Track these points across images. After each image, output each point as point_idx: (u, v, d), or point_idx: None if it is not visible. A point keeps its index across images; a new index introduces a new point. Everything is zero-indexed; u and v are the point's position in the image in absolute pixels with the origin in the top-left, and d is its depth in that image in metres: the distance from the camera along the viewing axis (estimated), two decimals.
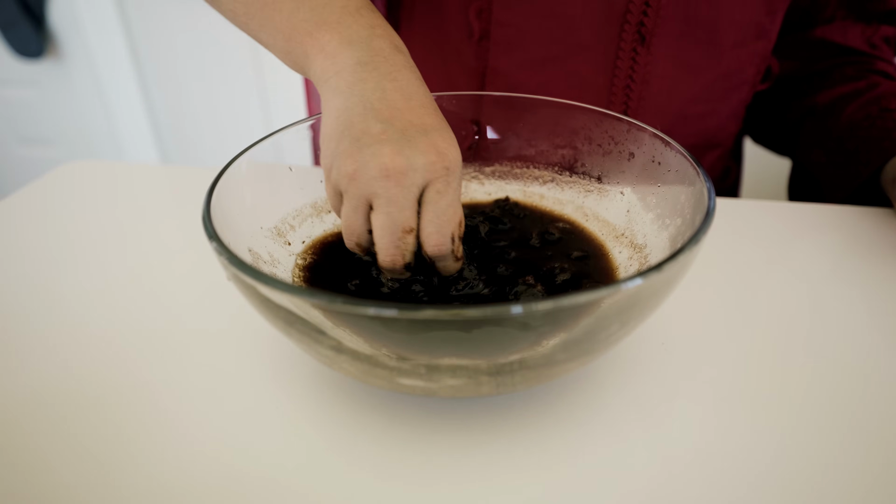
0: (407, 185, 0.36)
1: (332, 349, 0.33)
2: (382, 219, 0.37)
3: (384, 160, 0.36)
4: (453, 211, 0.37)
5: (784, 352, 0.43)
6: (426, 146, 0.36)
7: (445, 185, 0.37)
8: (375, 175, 0.36)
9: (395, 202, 0.36)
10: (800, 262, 0.52)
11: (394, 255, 0.38)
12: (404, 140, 0.36)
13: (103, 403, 0.39)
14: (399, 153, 0.36)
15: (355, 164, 0.36)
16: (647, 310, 0.34)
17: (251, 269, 0.31)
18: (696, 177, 0.40)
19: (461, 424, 0.38)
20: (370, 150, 0.36)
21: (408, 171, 0.36)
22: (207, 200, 0.37)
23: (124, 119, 1.92)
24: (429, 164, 0.36)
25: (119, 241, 0.57)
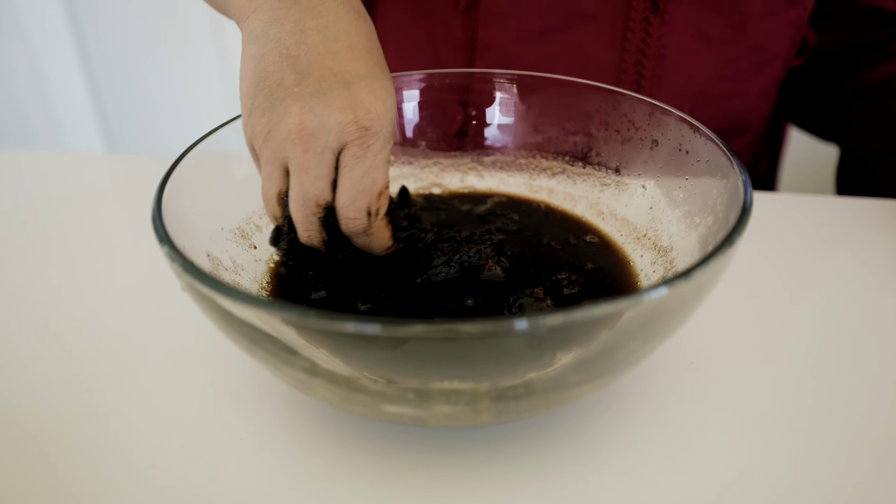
0: (318, 150, 0.36)
1: (305, 372, 0.33)
2: (295, 188, 0.37)
3: (293, 119, 0.36)
4: (371, 180, 0.37)
5: (834, 372, 0.43)
6: (344, 101, 0.36)
7: (362, 147, 0.36)
8: (285, 136, 0.36)
9: (305, 169, 0.36)
10: (850, 266, 0.52)
11: (309, 229, 0.38)
12: (319, 94, 0.36)
13: (36, 434, 0.39)
14: (310, 111, 0.36)
15: (268, 122, 0.37)
16: (673, 324, 0.34)
17: (209, 278, 0.31)
18: (730, 168, 0.39)
19: (456, 459, 0.38)
20: (282, 106, 0.36)
21: (319, 133, 0.36)
22: (158, 197, 0.37)
23: (62, 101, 1.91)
24: (343, 122, 0.36)
25: (56, 245, 0.57)
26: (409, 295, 0.42)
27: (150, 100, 1.91)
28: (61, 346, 0.46)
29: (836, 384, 0.42)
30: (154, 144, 1.97)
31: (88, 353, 0.45)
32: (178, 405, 0.41)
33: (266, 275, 0.45)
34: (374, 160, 0.37)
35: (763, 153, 0.77)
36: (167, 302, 0.49)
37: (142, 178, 0.65)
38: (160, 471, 0.37)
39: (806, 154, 1.13)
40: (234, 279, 0.42)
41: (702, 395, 0.41)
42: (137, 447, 0.38)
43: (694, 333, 0.45)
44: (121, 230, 0.59)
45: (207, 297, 0.31)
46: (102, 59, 1.89)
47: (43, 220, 0.60)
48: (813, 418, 0.40)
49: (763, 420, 0.40)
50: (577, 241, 0.48)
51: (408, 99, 0.54)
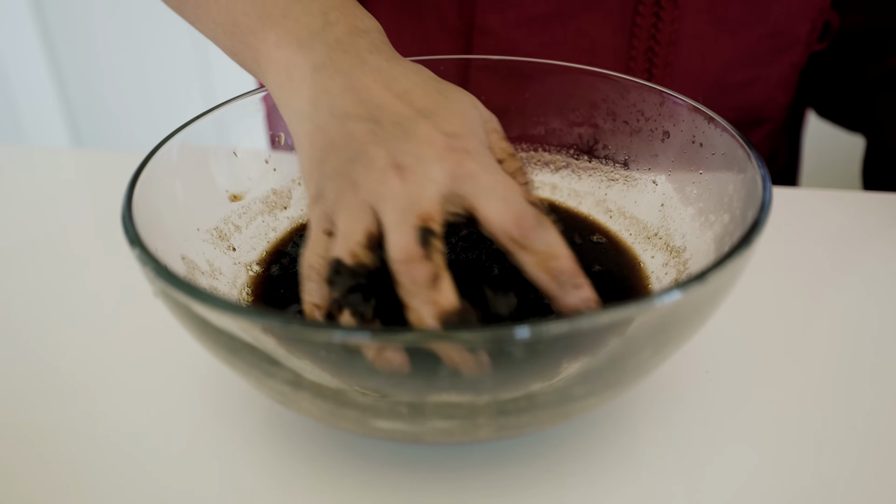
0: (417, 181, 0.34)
1: (289, 384, 0.33)
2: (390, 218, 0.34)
3: (381, 163, 0.35)
4: (506, 179, 0.35)
5: (862, 381, 0.43)
6: (430, 132, 0.35)
7: (474, 164, 0.35)
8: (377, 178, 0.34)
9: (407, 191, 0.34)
10: (879, 267, 0.53)
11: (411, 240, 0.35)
12: (401, 134, 0.36)
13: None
14: (400, 151, 0.35)
15: (350, 176, 0.35)
16: (686, 330, 0.34)
17: (184, 283, 0.31)
18: (748, 161, 0.40)
19: (452, 478, 0.38)
20: (366, 156, 0.35)
21: (415, 167, 0.34)
22: (128, 194, 0.37)
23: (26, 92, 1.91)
24: (440, 151, 0.35)
25: (18, 247, 0.56)
26: None
27: (120, 90, 1.91)
28: (22, 357, 0.45)
29: (865, 394, 0.42)
30: (124, 138, 1.96)
31: (53, 364, 0.45)
32: (150, 420, 0.41)
33: (246, 280, 0.45)
34: (489, 163, 0.35)
35: (782, 145, 0.78)
36: (139, 309, 0.49)
37: (111, 175, 0.65)
38: (131, 491, 0.37)
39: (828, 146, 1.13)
40: (212, 284, 0.42)
41: (718, 406, 0.41)
42: (107, 465, 0.38)
43: (709, 340, 0.45)
44: (89, 231, 0.59)
45: (182, 304, 0.31)
46: (68, 45, 1.89)
47: (3, 219, 0.60)
48: (839, 432, 0.40)
49: (785, 434, 0.40)
50: (583, 240, 0.48)
51: None
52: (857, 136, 0.77)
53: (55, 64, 1.91)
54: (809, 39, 0.68)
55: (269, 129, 0.52)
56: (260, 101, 0.48)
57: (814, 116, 0.82)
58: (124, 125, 1.96)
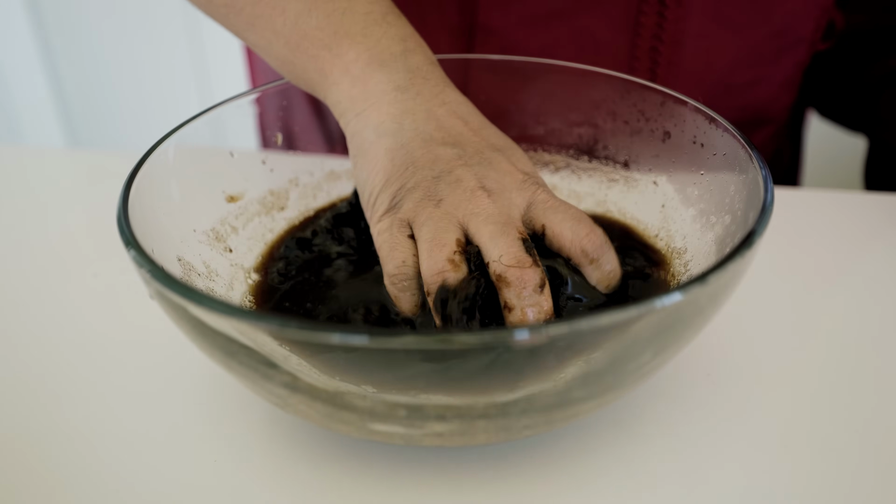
0: (506, 204, 0.39)
1: (286, 387, 0.33)
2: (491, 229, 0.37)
3: (469, 183, 0.38)
4: (576, 210, 0.39)
5: (865, 384, 0.43)
6: (508, 165, 0.40)
7: (546, 194, 0.40)
8: (464, 196, 0.38)
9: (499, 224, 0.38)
10: (881, 268, 0.53)
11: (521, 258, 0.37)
12: (485, 163, 0.40)
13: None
14: (484, 176, 0.39)
15: (436, 193, 0.38)
16: (688, 332, 0.34)
17: (180, 285, 0.31)
18: (749, 162, 0.40)
19: (451, 482, 0.38)
20: (452, 175, 0.39)
21: (501, 191, 0.39)
22: (124, 195, 0.37)
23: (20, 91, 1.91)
24: (518, 181, 0.39)
25: (12, 249, 0.56)
26: None
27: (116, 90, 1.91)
28: (16, 360, 0.45)
29: (867, 396, 0.42)
30: (120, 139, 1.96)
31: (46, 367, 0.45)
32: (146, 424, 0.41)
33: (245, 288, 0.45)
34: (556, 196, 0.40)
35: (785, 146, 0.78)
36: (134, 311, 0.49)
37: (106, 176, 0.65)
38: (127, 495, 0.37)
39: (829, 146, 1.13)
40: (208, 286, 0.42)
41: (719, 409, 0.41)
42: (101, 470, 0.38)
43: (710, 342, 0.45)
44: (84, 232, 0.58)
45: (178, 306, 0.31)
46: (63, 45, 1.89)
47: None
48: (841, 434, 0.40)
49: (786, 437, 0.40)
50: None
51: None
52: (859, 137, 0.77)
53: (51, 64, 1.91)
54: (814, 39, 0.68)
55: (262, 131, 0.52)
56: (253, 104, 0.48)
57: (815, 117, 0.82)
58: (120, 125, 1.96)
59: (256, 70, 0.83)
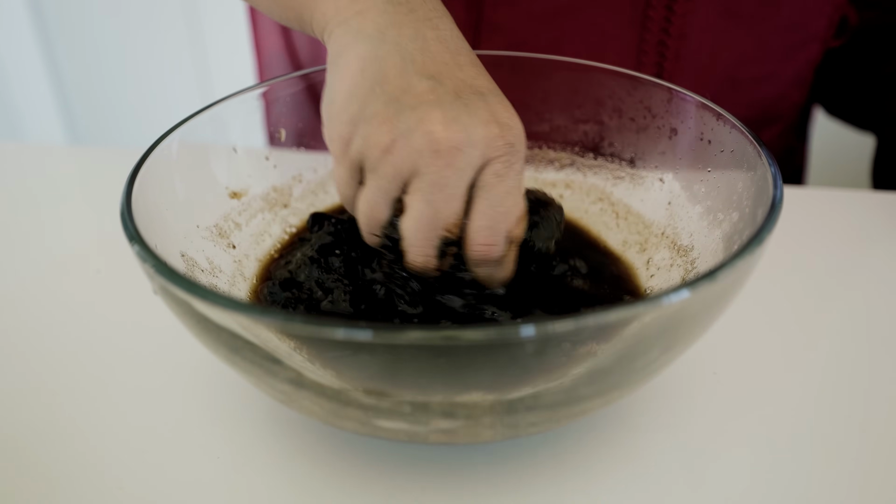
0: (461, 166, 0.35)
1: (291, 383, 0.33)
2: (421, 207, 0.36)
3: (434, 128, 0.34)
4: (514, 201, 0.37)
5: (870, 383, 0.43)
6: (486, 114, 0.36)
7: (506, 165, 0.36)
8: (421, 148, 0.35)
9: (441, 186, 0.35)
10: (888, 267, 0.52)
11: (428, 253, 0.37)
12: (459, 104, 0.35)
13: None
14: (454, 120, 0.35)
15: (392, 131, 0.35)
16: (695, 330, 0.34)
17: (185, 280, 0.31)
18: (758, 159, 0.39)
19: (456, 479, 0.38)
20: (415, 113, 0.35)
21: (464, 146, 0.35)
22: (127, 191, 0.37)
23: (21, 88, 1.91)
24: (490, 137, 0.35)
25: (16, 246, 0.56)
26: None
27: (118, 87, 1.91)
28: (19, 356, 0.45)
29: (875, 395, 0.42)
30: (121, 135, 1.96)
31: (50, 363, 0.45)
32: (149, 420, 0.41)
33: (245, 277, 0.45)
34: (516, 179, 0.36)
35: (796, 145, 0.77)
36: (138, 306, 0.49)
37: (109, 172, 0.65)
38: (130, 492, 0.37)
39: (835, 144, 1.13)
40: (211, 281, 0.42)
41: (725, 407, 0.41)
42: (104, 466, 0.38)
43: (717, 340, 0.45)
44: (87, 229, 0.58)
45: (183, 301, 0.31)
46: (65, 42, 1.89)
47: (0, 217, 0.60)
48: (847, 433, 0.40)
49: (792, 435, 0.40)
50: None
51: None
52: (866, 135, 0.77)
53: (52, 61, 1.91)
54: (826, 35, 0.67)
55: (269, 126, 0.52)
56: (257, 99, 0.48)
57: (820, 115, 0.82)
58: (121, 122, 1.96)
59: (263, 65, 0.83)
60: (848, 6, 0.67)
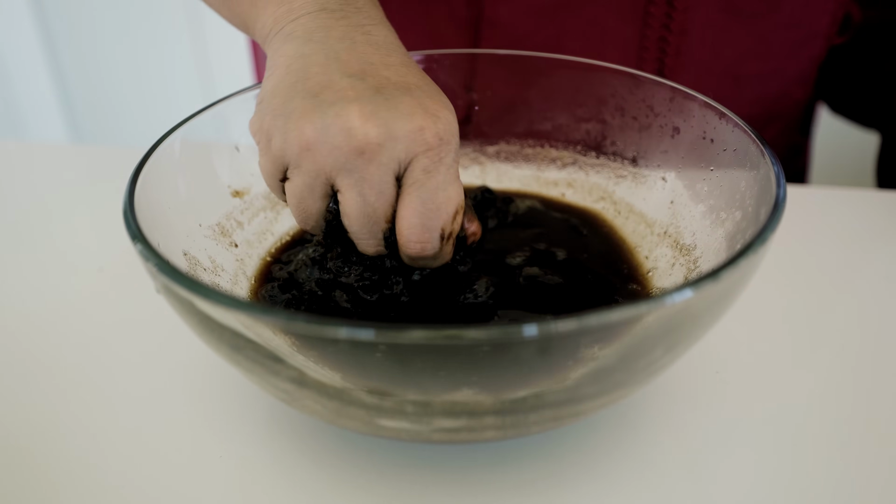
0: (384, 161, 0.35)
1: (293, 382, 0.33)
2: (356, 201, 0.36)
3: (352, 123, 0.34)
4: (445, 197, 0.36)
5: (874, 383, 0.43)
6: (410, 107, 0.35)
7: (436, 160, 0.35)
8: (340, 144, 0.34)
9: (369, 183, 0.35)
10: (892, 266, 0.52)
11: (376, 243, 0.38)
12: (380, 98, 0.35)
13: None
14: (373, 115, 0.34)
15: (311, 127, 0.35)
16: (698, 330, 0.34)
17: (187, 279, 0.31)
18: (761, 158, 0.39)
19: (459, 478, 0.38)
20: (333, 109, 0.35)
21: (385, 142, 0.34)
22: (130, 190, 0.37)
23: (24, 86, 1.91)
24: (414, 130, 0.35)
25: (17, 245, 0.56)
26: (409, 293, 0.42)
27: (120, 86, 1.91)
28: (21, 355, 0.45)
29: (879, 395, 0.42)
30: (123, 134, 1.96)
31: (52, 361, 0.45)
32: (152, 419, 0.41)
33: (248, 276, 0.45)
34: (447, 174, 0.36)
35: (801, 143, 0.77)
36: (140, 305, 0.49)
37: (111, 171, 0.65)
38: (131, 491, 0.37)
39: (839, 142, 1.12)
40: (214, 280, 0.42)
41: (728, 407, 0.41)
42: (106, 465, 0.38)
43: (720, 340, 0.45)
44: (89, 227, 0.58)
45: (185, 300, 0.31)
46: (67, 41, 1.89)
47: (2, 216, 0.60)
48: (851, 433, 0.40)
49: (796, 435, 0.39)
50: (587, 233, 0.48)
51: None
52: (870, 133, 0.77)
53: (54, 59, 1.91)
54: (829, 32, 0.67)
55: None
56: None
57: (824, 112, 0.82)
58: (123, 121, 1.96)
59: (260, 64, 0.83)
60: (851, 3, 0.67)
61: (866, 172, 0.78)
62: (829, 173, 1.23)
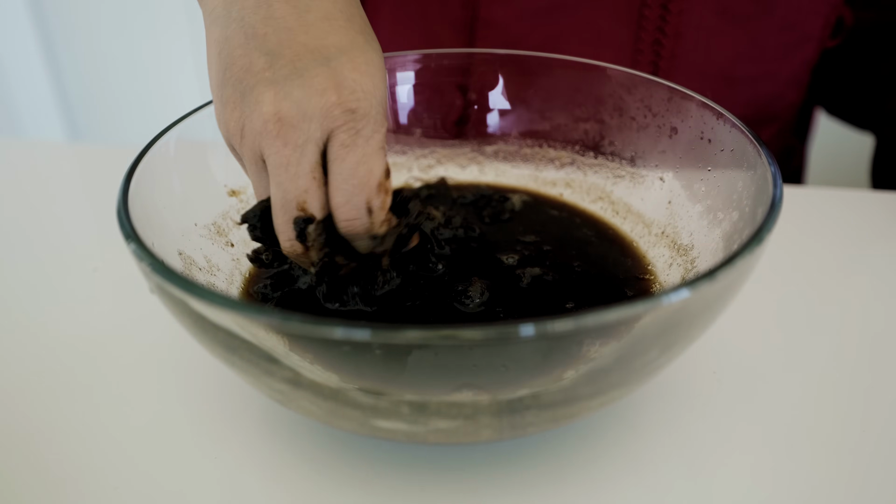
0: (299, 142, 0.34)
1: (288, 383, 0.33)
2: (273, 191, 0.36)
3: (266, 108, 0.34)
4: (366, 170, 0.35)
5: (871, 384, 0.43)
6: (324, 81, 0.34)
7: (351, 133, 0.35)
8: (259, 129, 0.35)
9: (284, 166, 0.35)
10: (888, 267, 0.52)
11: (290, 238, 0.37)
12: (294, 75, 0.35)
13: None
14: (286, 97, 0.34)
15: (241, 116, 0.35)
16: (694, 330, 0.34)
17: (181, 279, 0.30)
18: (758, 158, 0.39)
19: (455, 479, 0.37)
20: (252, 95, 0.35)
21: (298, 122, 0.34)
22: (124, 189, 0.36)
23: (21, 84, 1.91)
24: (326, 106, 0.34)
25: (12, 243, 0.56)
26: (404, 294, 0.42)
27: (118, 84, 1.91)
28: (13, 355, 0.45)
29: (874, 397, 0.42)
30: (121, 132, 1.96)
31: (45, 362, 0.45)
32: (146, 421, 0.41)
33: (243, 276, 0.45)
34: (366, 147, 0.35)
35: (795, 145, 0.77)
36: (134, 305, 0.49)
37: (107, 169, 0.65)
38: (126, 492, 0.37)
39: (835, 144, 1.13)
40: (209, 280, 0.42)
41: (725, 407, 0.41)
42: (100, 466, 0.38)
43: (717, 340, 0.45)
44: (85, 226, 0.58)
45: (179, 300, 0.31)
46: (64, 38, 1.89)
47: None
48: (847, 433, 0.39)
49: (793, 436, 0.39)
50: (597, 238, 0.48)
51: (402, 81, 0.54)
52: (866, 135, 0.77)
53: (52, 57, 1.91)
54: (822, 36, 0.67)
55: None
56: None
57: (822, 115, 0.82)
58: (121, 119, 1.96)
59: None
60: (844, 6, 0.67)
61: (864, 175, 0.78)
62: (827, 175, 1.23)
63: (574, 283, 0.44)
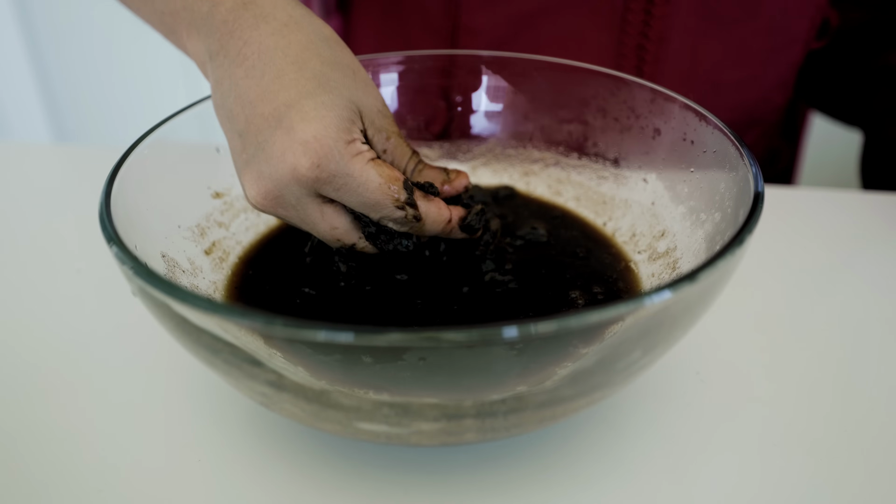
0: (291, 204, 0.38)
1: (271, 385, 0.33)
2: (319, 236, 0.40)
3: (250, 191, 0.38)
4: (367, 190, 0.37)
5: (855, 385, 0.43)
6: (280, 144, 0.36)
7: (329, 180, 0.37)
8: (262, 206, 0.38)
9: (299, 224, 0.39)
10: (874, 268, 0.53)
11: (364, 248, 0.41)
12: (259, 151, 0.37)
13: None
14: (259, 176, 0.37)
15: (249, 197, 0.39)
16: (677, 331, 0.34)
17: (163, 282, 0.30)
18: (739, 159, 0.39)
19: (439, 480, 0.37)
20: (243, 180, 0.38)
21: (280, 192, 0.37)
22: (106, 191, 0.36)
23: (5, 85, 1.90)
24: (291, 169, 0.36)
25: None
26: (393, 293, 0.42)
27: (104, 85, 1.90)
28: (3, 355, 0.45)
29: (857, 398, 0.42)
30: (107, 133, 1.95)
31: (28, 363, 0.44)
32: (129, 423, 0.40)
33: (227, 278, 0.45)
34: (352, 180, 0.37)
35: (781, 146, 0.77)
36: (117, 308, 0.48)
37: (91, 170, 0.65)
38: (109, 495, 0.36)
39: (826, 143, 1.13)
40: (192, 282, 0.42)
41: (709, 408, 0.41)
42: (83, 470, 0.38)
43: (700, 341, 0.45)
44: (69, 227, 0.58)
45: (161, 303, 0.31)
46: (50, 39, 1.88)
47: None
48: (831, 435, 0.40)
49: (776, 436, 0.40)
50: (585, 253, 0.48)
51: (385, 84, 0.53)
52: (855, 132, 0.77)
53: (37, 58, 1.90)
54: (808, 38, 0.68)
55: None
56: None
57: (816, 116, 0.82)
58: (107, 120, 1.95)
59: None
60: (829, 8, 0.68)
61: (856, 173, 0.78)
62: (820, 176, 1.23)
63: (557, 284, 0.44)
